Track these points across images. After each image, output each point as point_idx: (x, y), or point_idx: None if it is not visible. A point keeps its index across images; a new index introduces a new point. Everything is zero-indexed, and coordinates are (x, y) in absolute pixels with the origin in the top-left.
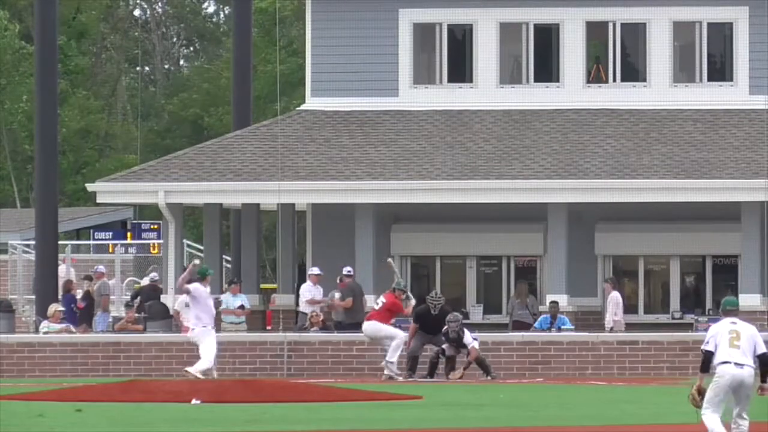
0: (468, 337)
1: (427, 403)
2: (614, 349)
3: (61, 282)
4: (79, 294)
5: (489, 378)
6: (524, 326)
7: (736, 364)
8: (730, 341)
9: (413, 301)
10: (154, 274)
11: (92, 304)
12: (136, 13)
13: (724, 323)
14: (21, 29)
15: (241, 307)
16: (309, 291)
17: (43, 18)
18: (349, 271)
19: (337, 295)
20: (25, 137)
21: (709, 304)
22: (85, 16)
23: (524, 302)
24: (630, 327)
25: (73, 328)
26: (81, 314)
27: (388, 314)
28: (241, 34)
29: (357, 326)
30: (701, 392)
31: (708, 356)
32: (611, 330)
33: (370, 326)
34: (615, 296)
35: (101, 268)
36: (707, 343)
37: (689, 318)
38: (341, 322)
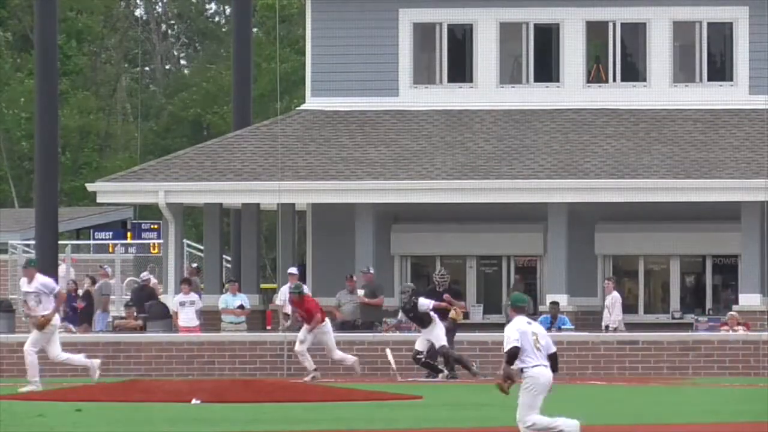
0: (423, 303)
1: (427, 403)
2: (614, 348)
3: (61, 282)
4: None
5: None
6: None
7: (545, 366)
8: (533, 343)
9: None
10: (144, 273)
11: (92, 303)
12: (138, 12)
13: (523, 323)
14: (13, 35)
15: (241, 306)
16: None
17: (43, 18)
18: (369, 269)
19: (361, 292)
20: (22, 136)
21: (709, 304)
22: (85, 17)
23: None
24: (630, 327)
25: (73, 328)
26: (81, 314)
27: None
28: (242, 33)
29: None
30: (509, 377)
31: (517, 352)
32: (614, 330)
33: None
34: (616, 296)
35: (107, 268)
36: (517, 340)
37: (689, 318)
38: (345, 323)
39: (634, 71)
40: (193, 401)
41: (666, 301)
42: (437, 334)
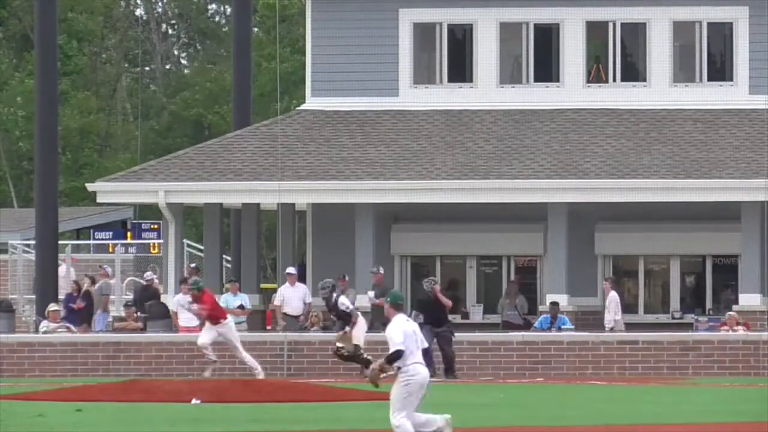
0: (343, 302)
1: (425, 404)
2: (614, 348)
3: (61, 282)
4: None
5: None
6: (513, 327)
7: (421, 363)
8: (416, 342)
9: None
10: (148, 273)
11: (92, 303)
12: (138, 12)
13: (404, 321)
14: (13, 35)
15: (241, 306)
16: (284, 293)
17: (43, 18)
18: (379, 269)
19: (371, 293)
20: (21, 136)
21: (709, 303)
22: (85, 17)
23: (513, 303)
24: (630, 327)
25: (73, 328)
26: (80, 314)
27: None
28: (242, 33)
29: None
30: (383, 371)
31: (401, 356)
32: (610, 329)
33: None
34: (614, 296)
35: (107, 268)
36: (402, 343)
37: (689, 318)
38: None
39: (634, 71)
40: (193, 401)
41: (666, 301)
42: (356, 334)
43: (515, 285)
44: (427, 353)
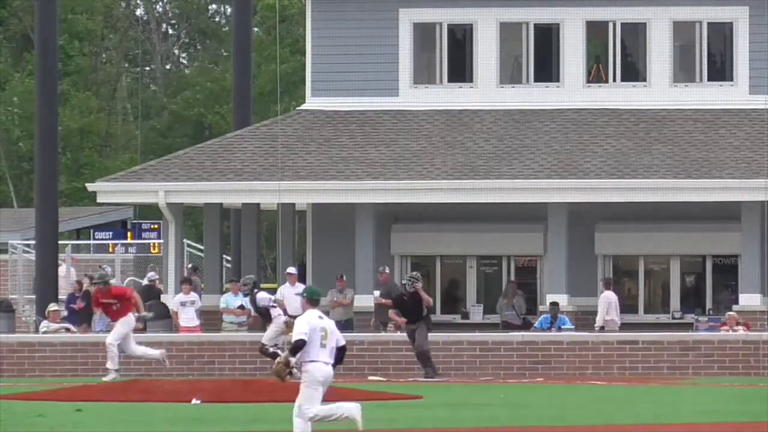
0: (262, 298)
1: (426, 403)
2: (614, 348)
3: (61, 282)
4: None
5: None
6: (511, 327)
7: (324, 363)
8: (320, 339)
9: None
10: (152, 274)
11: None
12: (138, 12)
13: (315, 317)
14: (12, 35)
15: (241, 306)
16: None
17: (43, 18)
18: (384, 269)
19: (376, 293)
20: (21, 136)
21: (709, 303)
22: (85, 17)
23: (510, 303)
24: (630, 327)
25: (73, 328)
26: (80, 314)
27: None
28: (242, 34)
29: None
30: (288, 365)
31: (302, 345)
32: (601, 329)
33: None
34: (606, 296)
35: (107, 268)
36: (305, 333)
37: (689, 318)
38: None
39: (634, 71)
40: (193, 401)
41: (666, 301)
42: (269, 331)
43: (513, 285)
44: (341, 350)
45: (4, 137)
